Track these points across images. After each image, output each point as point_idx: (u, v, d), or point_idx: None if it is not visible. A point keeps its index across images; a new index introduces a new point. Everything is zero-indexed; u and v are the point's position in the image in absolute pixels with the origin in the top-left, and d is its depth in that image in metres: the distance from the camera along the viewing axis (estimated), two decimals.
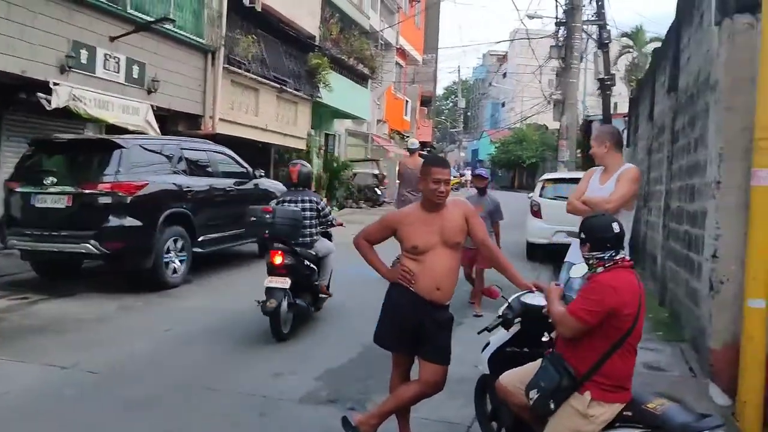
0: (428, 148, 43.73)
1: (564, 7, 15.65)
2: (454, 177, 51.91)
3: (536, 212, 11.90)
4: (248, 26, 15.36)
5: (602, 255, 2.96)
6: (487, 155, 64.99)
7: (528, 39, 17.99)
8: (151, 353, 5.67)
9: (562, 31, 16.31)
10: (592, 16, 16.33)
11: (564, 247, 4.81)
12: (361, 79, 23.68)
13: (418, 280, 3.49)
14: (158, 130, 11.68)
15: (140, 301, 7.64)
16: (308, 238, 6.50)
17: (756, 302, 4.09)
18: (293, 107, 17.99)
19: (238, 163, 10.44)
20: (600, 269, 2.96)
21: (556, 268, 11.49)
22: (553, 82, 47.80)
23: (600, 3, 15.82)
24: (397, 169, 15.84)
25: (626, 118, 20.31)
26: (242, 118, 15.16)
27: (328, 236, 7.09)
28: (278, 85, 16.57)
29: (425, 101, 41.95)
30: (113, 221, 7.62)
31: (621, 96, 27.70)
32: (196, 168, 9.22)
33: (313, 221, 6.56)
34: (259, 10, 14.82)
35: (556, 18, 16.23)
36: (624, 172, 4.68)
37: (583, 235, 3.07)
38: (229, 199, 9.68)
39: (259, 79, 15.59)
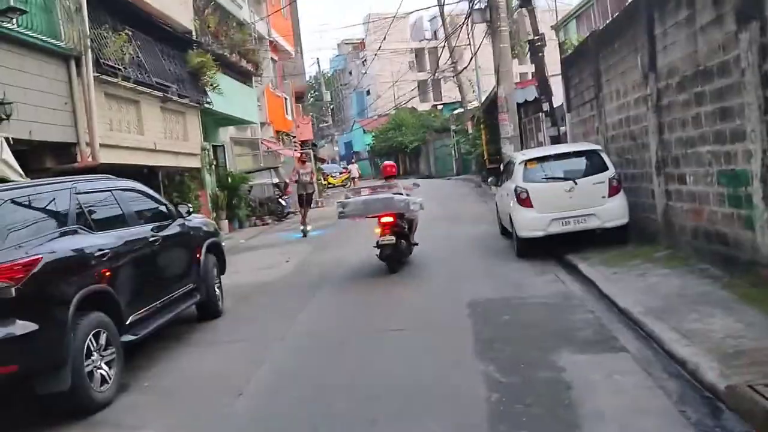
0: (310, 146, 41.05)
1: None
2: (341, 173, 49.67)
3: (524, 201, 9.85)
4: (114, 22, 12.00)
5: None
6: (365, 146, 63.16)
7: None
8: None
9: None
10: None
11: (563, 238, 2.73)
12: (245, 77, 20.60)
13: None
14: (21, 171, 8.37)
15: None
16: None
17: None
18: (181, 118, 14.75)
19: (154, 200, 7.50)
20: None
21: (559, 264, 9.58)
22: (414, 65, 46.44)
23: None
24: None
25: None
26: (126, 140, 11.84)
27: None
28: (161, 93, 13.30)
29: (298, 97, 39.18)
30: None
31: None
32: (102, 219, 6.22)
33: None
34: None
35: None
36: None
37: None
38: (153, 253, 6.79)
39: (139, 88, 12.27)
